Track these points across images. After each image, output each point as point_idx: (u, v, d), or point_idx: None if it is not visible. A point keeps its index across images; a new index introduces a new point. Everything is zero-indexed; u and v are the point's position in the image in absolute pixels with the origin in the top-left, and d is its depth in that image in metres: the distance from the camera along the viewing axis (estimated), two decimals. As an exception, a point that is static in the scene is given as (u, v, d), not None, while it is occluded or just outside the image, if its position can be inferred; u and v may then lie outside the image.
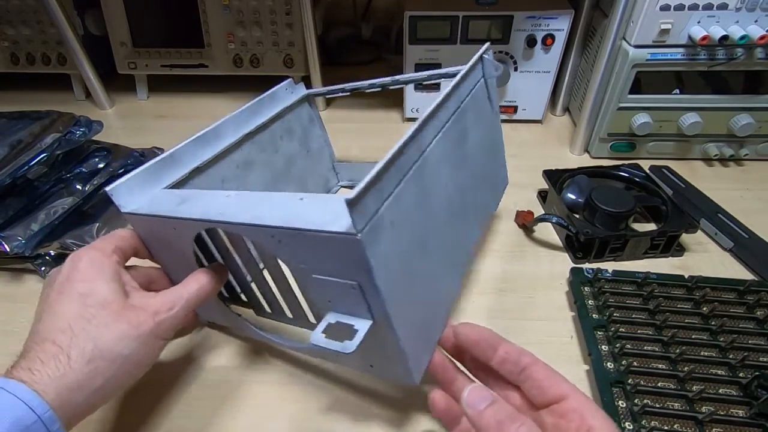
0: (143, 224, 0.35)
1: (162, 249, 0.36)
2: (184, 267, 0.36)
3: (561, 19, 0.60)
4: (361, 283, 0.27)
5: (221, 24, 0.71)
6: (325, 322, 0.29)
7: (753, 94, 0.55)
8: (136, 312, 0.30)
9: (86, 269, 0.31)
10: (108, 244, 0.33)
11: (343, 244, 0.25)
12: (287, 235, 0.27)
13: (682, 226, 0.47)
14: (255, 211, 0.29)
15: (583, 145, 0.63)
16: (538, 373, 0.28)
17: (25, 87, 0.80)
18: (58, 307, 0.29)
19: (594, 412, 0.26)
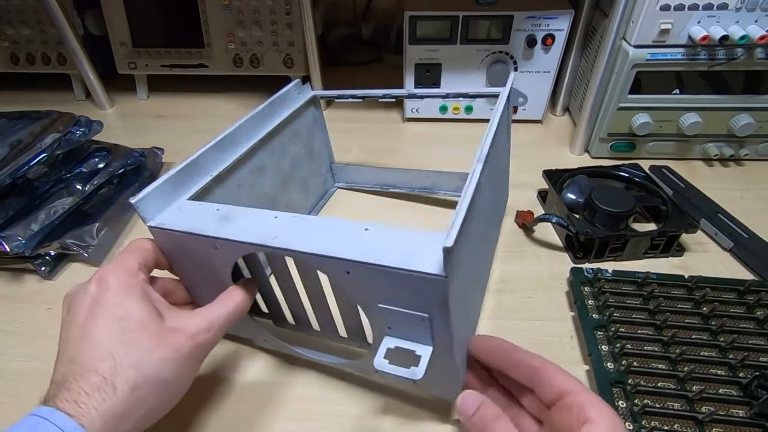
0: (172, 238, 0.33)
1: (189, 264, 0.35)
2: (212, 283, 0.35)
3: (561, 19, 0.60)
4: (432, 315, 0.28)
5: (221, 24, 0.71)
6: (384, 347, 0.29)
7: (753, 94, 0.55)
8: (176, 335, 0.29)
9: (117, 290, 0.30)
10: (133, 260, 0.32)
11: (428, 282, 0.26)
12: (362, 269, 0.27)
13: (682, 226, 0.47)
14: (320, 241, 0.29)
15: (583, 145, 0.63)
16: (546, 372, 0.28)
17: (25, 87, 0.80)
18: (94, 332, 0.28)
19: (594, 405, 0.26)
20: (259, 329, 0.39)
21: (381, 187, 0.58)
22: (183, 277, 0.37)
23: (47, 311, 0.45)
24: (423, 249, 0.27)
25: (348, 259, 0.27)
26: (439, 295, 0.27)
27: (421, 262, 0.26)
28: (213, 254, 0.32)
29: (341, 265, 0.28)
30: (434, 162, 0.61)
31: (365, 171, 0.58)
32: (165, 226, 0.33)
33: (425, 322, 0.28)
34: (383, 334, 0.30)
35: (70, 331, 0.29)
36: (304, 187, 0.52)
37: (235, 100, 0.77)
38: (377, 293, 0.28)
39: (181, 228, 0.32)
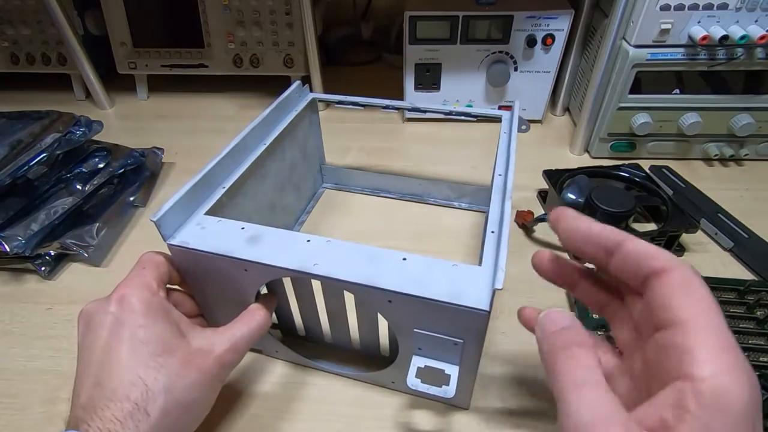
0: (194, 257, 0.32)
1: (209, 283, 0.34)
2: (233, 302, 0.34)
3: (561, 19, 0.60)
4: (467, 341, 0.30)
5: (221, 24, 0.71)
6: (414, 366, 0.31)
7: (753, 94, 0.55)
8: (203, 357, 0.29)
9: (141, 312, 0.29)
10: (150, 277, 0.31)
11: (471, 315, 0.28)
12: (406, 300, 0.29)
13: (682, 226, 0.47)
14: (362, 270, 0.30)
15: (583, 145, 0.63)
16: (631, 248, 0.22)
17: (25, 87, 0.80)
18: (122, 356, 0.27)
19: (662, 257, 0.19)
20: (271, 341, 0.38)
21: (371, 192, 0.57)
22: (199, 294, 0.36)
23: (47, 311, 0.45)
24: (466, 284, 0.28)
25: (394, 291, 0.28)
26: (479, 326, 0.29)
27: (468, 298, 0.28)
28: (240, 276, 0.32)
29: (385, 295, 0.29)
30: (434, 162, 0.61)
31: (356, 175, 0.57)
32: (189, 246, 0.32)
33: (458, 346, 0.30)
34: (412, 354, 0.32)
35: (93, 352, 0.28)
36: (297, 189, 0.52)
37: (235, 100, 0.77)
38: (415, 320, 0.30)
39: (209, 249, 0.31)
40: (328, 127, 0.55)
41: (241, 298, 0.34)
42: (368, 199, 0.57)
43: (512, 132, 0.43)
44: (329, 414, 0.36)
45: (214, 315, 0.37)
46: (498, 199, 0.36)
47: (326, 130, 0.55)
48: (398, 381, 0.36)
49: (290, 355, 0.39)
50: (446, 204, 0.55)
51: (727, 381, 0.17)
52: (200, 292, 0.36)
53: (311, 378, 0.38)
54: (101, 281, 0.47)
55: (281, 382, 0.38)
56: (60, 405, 0.37)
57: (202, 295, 0.36)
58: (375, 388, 0.38)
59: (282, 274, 0.31)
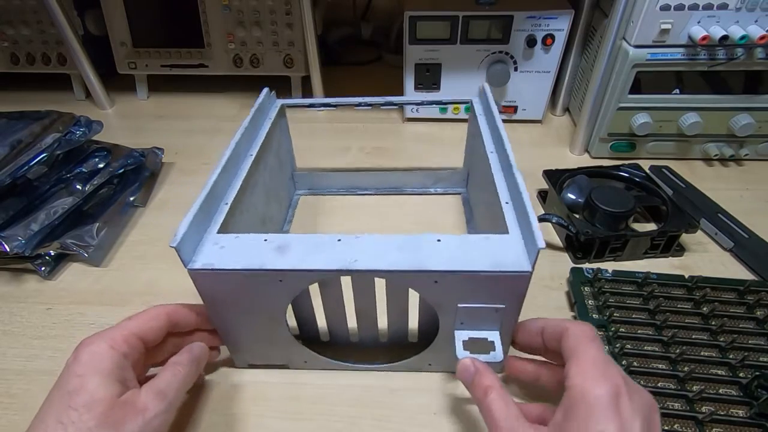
0: (220, 279, 0.31)
1: (236, 304, 0.33)
2: (261, 321, 0.34)
3: (561, 19, 0.60)
4: (508, 305, 0.32)
5: (221, 24, 0.71)
6: (459, 341, 0.33)
7: (753, 94, 0.55)
8: (123, 410, 0.27)
9: (85, 361, 0.28)
10: (121, 332, 0.30)
11: (515, 279, 0.30)
12: (453, 277, 0.30)
13: (682, 226, 0.46)
14: (404, 258, 0.30)
15: (583, 145, 0.63)
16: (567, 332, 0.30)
17: (25, 87, 0.80)
18: (46, 404, 0.27)
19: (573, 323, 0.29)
20: (299, 353, 0.37)
21: (346, 191, 0.57)
22: (221, 321, 0.35)
23: (47, 311, 0.45)
24: (502, 252, 0.31)
25: (442, 271, 0.30)
26: (521, 288, 0.31)
27: (511, 264, 0.30)
28: (273, 289, 0.31)
29: (431, 276, 0.30)
30: (433, 162, 0.61)
31: (328, 176, 0.57)
32: (215, 267, 0.30)
33: (499, 312, 0.32)
34: (453, 330, 0.34)
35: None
36: (278, 199, 0.51)
37: (235, 100, 0.77)
38: (460, 295, 0.31)
39: (239, 266, 0.30)
40: (327, 127, 0.56)
41: (271, 314, 0.33)
42: (347, 199, 0.57)
43: (493, 109, 0.44)
44: (329, 414, 0.36)
45: (239, 340, 0.36)
46: (500, 174, 0.39)
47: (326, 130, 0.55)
48: (435, 362, 0.37)
49: (319, 363, 0.38)
50: (423, 192, 0.57)
51: (584, 385, 0.26)
52: (222, 318, 0.34)
53: (311, 378, 0.38)
54: (101, 281, 0.47)
55: (281, 382, 0.38)
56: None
57: (225, 322, 0.34)
58: (375, 387, 0.38)
59: (322, 276, 0.31)
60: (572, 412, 0.25)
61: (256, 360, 0.39)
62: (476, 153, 0.49)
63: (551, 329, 0.31)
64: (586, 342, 0.28)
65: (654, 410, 0.27)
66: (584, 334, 0.29)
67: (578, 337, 0.29)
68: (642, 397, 0.26)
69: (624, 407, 0.25)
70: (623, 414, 0.25)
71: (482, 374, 0.30)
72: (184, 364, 0.32)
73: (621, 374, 0.27)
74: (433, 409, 0.36)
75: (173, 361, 0.32)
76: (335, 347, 0.40)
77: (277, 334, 0.35)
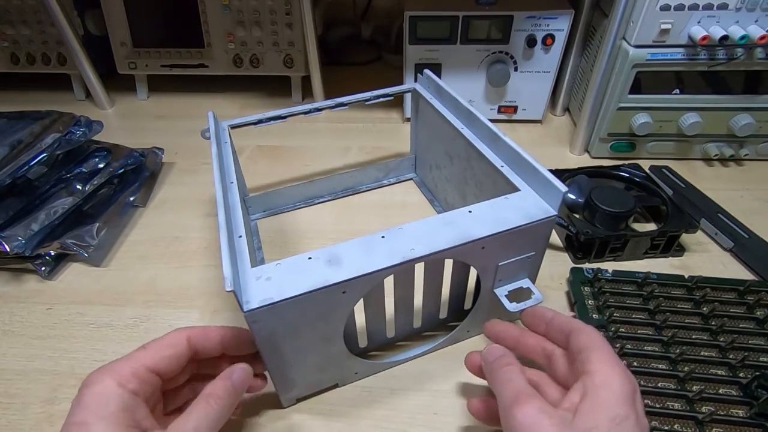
0: (281, 311, 0.29)
1: (294, 333, 0.31)
2: (319, 346, 0.33)
3: (561, 19, 0.60)
4: (537, 251, 0.36)
5: (221, 24, 0.71)
6: (502, 296, 0.36)
7: (753, 94, 0.55)
8: None
9: (88, 405, 0.25)
10: (131, 365, 0.27)
11: (545, 225, 0.34)
12: (496, 239, 0.33)
13: (682, 226, 0.46)
14: (451, 235, 0.33)
15: (583, 145, 0.63)
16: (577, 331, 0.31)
17: (25, 87, 0.80)
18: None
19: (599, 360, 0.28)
20: (348, 367, 0.36)
21: (303, 203, 0.56)
22: (274, 357, 0.32)
23: (47, 311, 0.45)
24: (524, 205, 0.35)
25: (487, 236, 0.33)
26: (548, 232, 0.36)
27: (538, 213, 0.34)
28: (335, 304, 0.31)
29: (478, 244, 0.33)
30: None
31: (280, 193, 0.54)
32: (275, 299, 0.28)
33: (531, 259, 0.36)
34: (491, 290, 0.37)
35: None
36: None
37: (235, 100, 0.77)
38: (500, 255, 0.35)
39: (302, 290, 0.29)
40: (328, 128, 0.55)
41: (328, 333, 0.32)
42: (307, 211, 0.55)
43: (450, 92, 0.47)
44: (329, 414, 0.36)
45: (292, 375, 0.34)
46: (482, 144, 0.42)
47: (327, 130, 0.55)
48: (473, 328, 0.40)
49: (371, 368, 0.38)
50: (378, 185, 0.58)
51: (609, 373, 0.27)
52: (280, 355, 0.32)
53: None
54: (101, 281, 0.47)
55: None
56: (59, 405, 0.37)
57: (279, 357, 0.32)
58: (373, 388, 0.38)
59: (385, 275, 0.31)
60: (593, 395, 0.26)
61: (306, 391, 0.37)
62: (433, 135, 0.51)
63: (559, 324, 0.32)
64: (601, 338, 0.29)
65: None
66: (596, 331, 0.30)
67: (593, 336, 0.29)
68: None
69: (639, 404, 0.26)
70: (639, 409, 0.26)
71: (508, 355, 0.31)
72: (220, 396, 0.28)
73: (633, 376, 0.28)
74: (433, 409, 0.36)
75: (207, 393, 0.28)
76: (371, 351, 0.40)
77: (333, 353, 0.34)
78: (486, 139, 0.42)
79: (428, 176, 0.56)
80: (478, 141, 0.42)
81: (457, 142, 0.46)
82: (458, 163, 0.47)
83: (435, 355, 0.40)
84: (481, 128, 0.42)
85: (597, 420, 0.25)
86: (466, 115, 0.45)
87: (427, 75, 0.51)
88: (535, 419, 0.25)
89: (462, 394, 0.37)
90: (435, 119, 0.49)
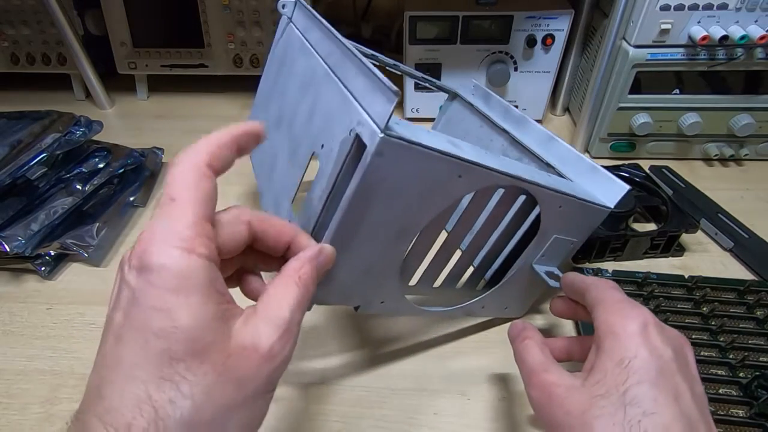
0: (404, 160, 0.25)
1: (390, 202, 0.27)
2: (387, 242, 0.29)
3: (561, 19, 0.60)
4: (579, 240, 0.38)
5: (221, 24, 0.71)
6: (542, 273, 0.37)
7: (753, 94, 0.55)
8: (247, 359, 0.20)
9: (163, 285, 0.19)
10: (187, 215, 0.20)
11: (602, 213, 0.37)
12: (576, 205, 0.35)
13: (682, 226, 0.46)
14: (554, 181, 0.34)
15: (583, 145, 0.63)
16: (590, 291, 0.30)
17: (25, 87, 0.80)
18: (127, 355, 0.18)
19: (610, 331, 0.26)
20: (387, 288, 0.33)
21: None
22: (353, 227, 0.27)
23: (47, 311, 0.45)
24: (591, 192, 0.37)
25: (570, 194, 0.34)
26: (597, 223, 0.37)
27: (608, 200, 0.37)
28: (446, 186, 0.28)
29: (561, 200, 0.34)
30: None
31: None
32: (414, 140, 0.24)
33: (572, 245, 0.38)
34: (532, 264, 0.37)
35: (104, 342, 0.20)
36: None
37: (235, 100, 0.77)
38: (563, 225, 0.36)
39: (435, 146, 0.25)
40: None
41: (407, 227, 0.29)
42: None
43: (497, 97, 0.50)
44: (330, 414, 0.36)
45: (342, 263, 0.28)
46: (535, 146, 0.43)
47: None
48: (490, 305, 0.40)
49: (397, 305, 0.34)
50: None
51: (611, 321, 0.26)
52: (358, 217, 0.26)
53: (311, 377, 0.39)
54: (101, 281, 0.47)
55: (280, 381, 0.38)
56: (59, 405, 0.37)
57: (357, 223, 0.27)
58: (373, 388, 0.38)
59: (497, 181, 0.29)
60: (602, 347, 0.25)
61: (333, 298, 0.31)
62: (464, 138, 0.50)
63: (577, 288, 0.32)
64: (609, 289, 0.29)
65: (686, 345, 0.26)
66: (607, 284, 0.30)
67: (601, 287, 0.29)
68: (672, 332, 0.26)
69: (653, 336, 0.25)
70: (653, 342, 0.24)
71: (529, 329, 0.31)
72: (309, 279, 0.23)
73: (648, 312, 0.26)
74: (433, 409, 0.36)
75: (291, 273, 0.23)
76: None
77: (391, 259, 0.31)
78: (538, 141, 0.43)
79: None
80: (529, 143, 0.44)
81: (493, 145, 0.47)
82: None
83: (435, 355, 0.40)
84: (535, 131, 0.44)
85: (605, 370, 0.24)
86: (518, 120, 0.46)
87: (474, 84, 0.53)
88: (544, 393, 0.26)
89: (462, 394, 0.37)
90: (468, 122, 0.50)
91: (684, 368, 0.25)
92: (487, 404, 0.37)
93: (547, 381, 0.26)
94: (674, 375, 0.24)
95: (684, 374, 0.24)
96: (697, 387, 0.25)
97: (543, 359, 0.28)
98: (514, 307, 0.42)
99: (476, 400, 0.37)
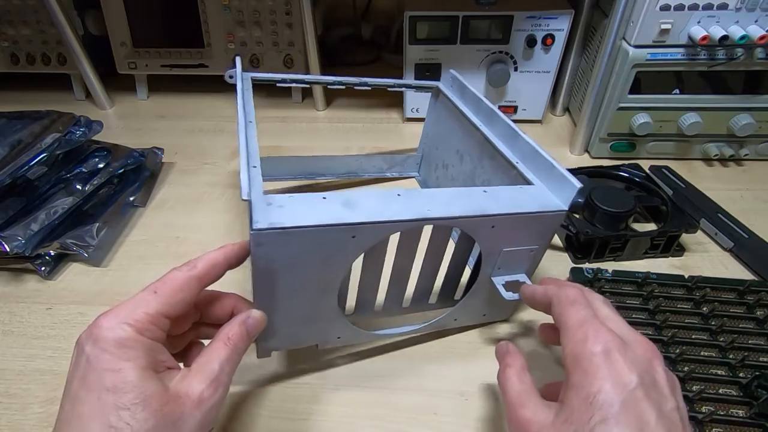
0: (287, 240, 0.28)
1: (289, 278, 0.30)
2: (311, 297, 0.32)
3: (561, 19, 0.60)
4: (540, 245, 0.36)
5: (221, 24, 0.71)
6: (499, 285, 0.36)
7: (753, 94, 0.55)
8: (181, 405, 0.24)
9: (113, 352, 0.24)
10: (146, 310, 0.26)
11: (555, 218, 0.35)
12: (509, 220, 0.33)
13: (682, 226, 0.46)
14: (466, 206, 0.33)
15: (583, 145, 0.63)
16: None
17: (25, 87, 0.80)
18: (84, 409, 0.23)
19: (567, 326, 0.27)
20: (335, 328, 0.35)
21: (305, 177, 0.57)
22: (269, 299, 0.31)
23: (47, 311, 0.45)
24: (538, 197, 0.35)
25: (500, 214, 0.33)
26: (555, 227, 0.35)
27: (552, 205, 0.35)
28: (342, 248, 0.30)
29: (491, 221, 0.33)
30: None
31: (285, 161, 0.55)
32: (285, 225, 0.27)
33: (533, 253, 0.36)
34: (490, 277, 0.37)
35: (66, 396, 0.25)
36: None
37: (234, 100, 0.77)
38: (507, 239, 0.35)
39: (314, 222, 0.28)
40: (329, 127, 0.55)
41: (327, 283, 0.31)
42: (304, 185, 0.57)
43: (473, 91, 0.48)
44: (325, 414, 0.36)
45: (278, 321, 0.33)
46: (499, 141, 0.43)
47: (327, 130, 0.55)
48: (461, 317, 0.40)
49: (355, 336, 0.37)
50: (379, 175, 0.58)
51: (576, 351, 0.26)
52: (271, 294, 0.31)
53: (306, 378, 0.38)
54: (101, 281, 0.47)
55: (277, 381, 0.38)
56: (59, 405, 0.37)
57: (272, 299, 0.31)
58: (370, 387, 0.38)
59: (397, 228, 0.30)
60: (570, 381, 0.25)
61: (285, 344, 0.36)
62: (446, 133, 0.52)
63: (532, 297, 0.32)
64: (568, 307, 0.28)
65: (654, 359, 0.26)
66: (567, 300, 0.29)
67: (562, 305, 0.29)
68: (637, 349, 0.26)
69: (618, 364, 0.24)
70: (617, 370, 0.24)
71: (511, 354, 0.31)
72: (238, 339, 0.28)
73: (610, 331, 0.26)
74: (432, 409, 0.36)
75: (224, 336, 0.28)
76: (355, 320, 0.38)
77: (325, 307, 0.33)
78: (504, 137, 0.43)
79: (432, 176, 0.56)
80: (495, 138, 0.43)
81: (471, 140, 0.46)
82: (468, 161, 0.47)
83: (435, 355, 0.40)
84: (502, 126, 0.43)
85: (572, 407, 0.24)
86: (488, 114, 0.46)
87: (452, 75, 0.53)
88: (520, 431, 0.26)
89: (461, 394, 0.37)
90: (452, 117, 0.50)
91: (651, 390, 0.24)
92: (485, 404, 0.37)
93: (523, 418, 0.26)
94: (638, 403, 0.23)
95: (650, 398, 0.23)
96: (666, 405, 0.24)
97: (520, 391, 0.28)
98: (493, 313, 0.41)
99: (474, 400, 0.37)
